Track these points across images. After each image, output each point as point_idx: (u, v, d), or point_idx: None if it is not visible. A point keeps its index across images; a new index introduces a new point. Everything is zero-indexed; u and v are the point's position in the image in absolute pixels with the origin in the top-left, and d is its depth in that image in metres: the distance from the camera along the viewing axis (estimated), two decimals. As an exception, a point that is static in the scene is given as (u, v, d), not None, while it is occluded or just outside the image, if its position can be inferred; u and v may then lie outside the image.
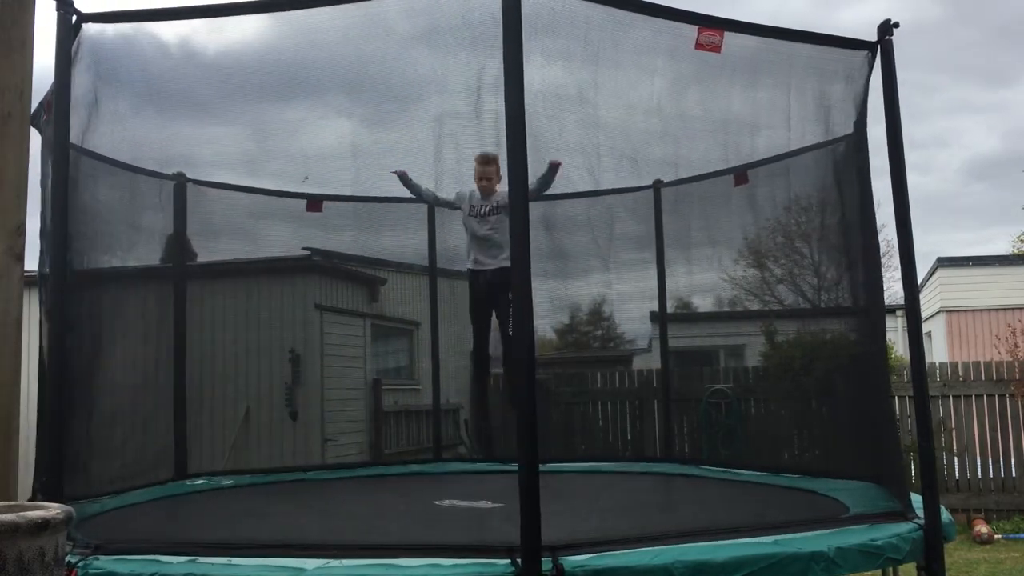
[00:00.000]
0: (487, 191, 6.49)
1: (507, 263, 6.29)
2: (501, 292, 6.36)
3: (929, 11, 51.14)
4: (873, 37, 4.66)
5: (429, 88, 5.51)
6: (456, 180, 6.46)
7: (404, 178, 6.49)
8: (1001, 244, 46.68)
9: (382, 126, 6.19)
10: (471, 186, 6.57)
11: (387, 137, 6.21)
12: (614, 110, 5.40)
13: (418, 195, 6.74)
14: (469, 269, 6.74)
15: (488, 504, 5.48)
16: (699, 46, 4.27)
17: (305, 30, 4.72)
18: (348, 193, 7.26)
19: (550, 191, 6.14)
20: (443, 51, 4.93)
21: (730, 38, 4.34)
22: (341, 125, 6.24)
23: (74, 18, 4.34)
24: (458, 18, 4.59)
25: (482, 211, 6.50)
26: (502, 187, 6.40)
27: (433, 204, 6.87)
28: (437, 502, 5.84)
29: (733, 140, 5.86)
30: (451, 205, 6.76)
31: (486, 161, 6.39)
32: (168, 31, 4.94)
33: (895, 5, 43.20)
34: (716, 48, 4.28)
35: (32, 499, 4.32)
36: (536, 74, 4.29)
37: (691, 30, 4.27)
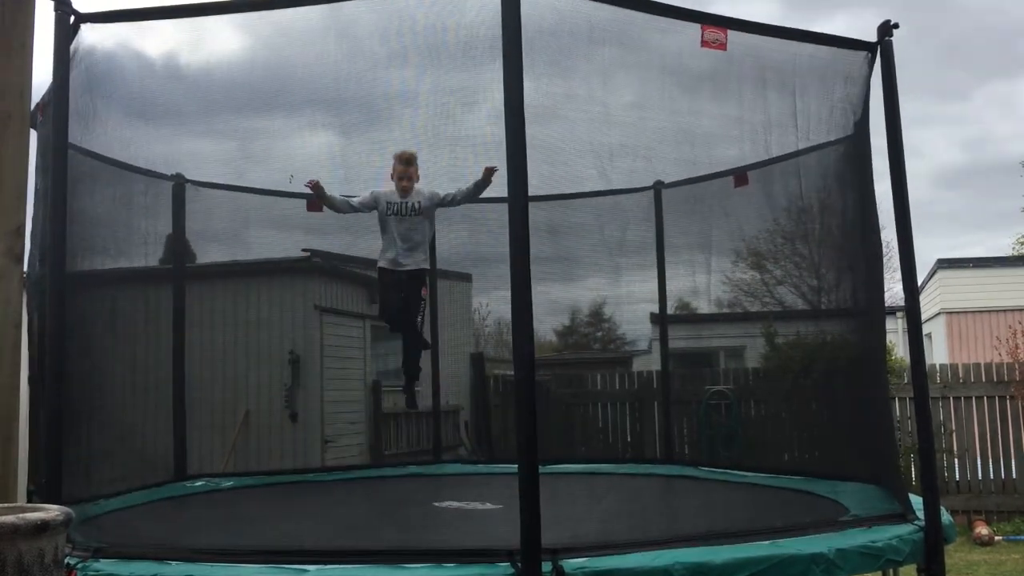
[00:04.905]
0: (406, 191, 6.18)
1: (425, 265, 6.33)
2: (413, 292, 6.20)
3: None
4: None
5: (423, 87, 5.52)
6: (452, 179, 6.41)
7: (318, 189, 6.04)
8: (979, 250, 47.68)
9: (376, 125, 6.20)
10: (432, 182, 6.29)
11: (380, 137, 6.21)
12: (620, 111, 5.42)
13: (332, 207, 6.30)
14: (381, 268, 6.30)
15: (488, 506, 5.48)
16: (705, 44, 4.29)
17: (295, 32, 4.73)
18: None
19: (545, 191, 6.04)
20: (441, 50, 4.93)
21: (732, 37, 4.34)
22: (334, 125, 6.27)
23: (72, 18, 4.34)
24: (456, 18, 4.60)
25: (402, 210, 6.17)
26: (421, 187, 6.21)
27: (348, 212, 6.34)
28: (437, 504, 5.85)
29: (736, 142, 5.87)
30: (367, 207, 6.26)
31: (408, 161, 6.14)
32: (158, 48, 4.99)
33: (856, 23, 44.05)
34: (722, 46, 4.30)
35: (28, 501, 4.32)
36: (541, 70, 4.31)
37: (695, 29, 4.29)
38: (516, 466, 3.49)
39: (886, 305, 5.39)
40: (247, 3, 4.52)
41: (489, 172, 5.83)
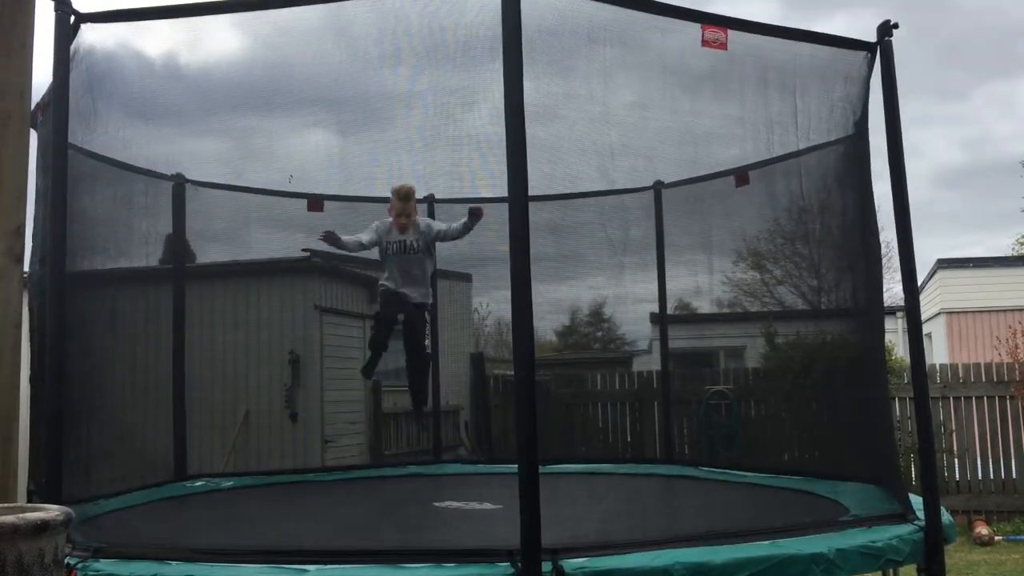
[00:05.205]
0: (404, 228, 6.23)
1: (427, 299, 6.43)
2: (417, 316, 6.26)
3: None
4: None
5: (423, 86, 5.52)
6: (450, 179, 6.41)
7: (332, 238, 6.16)
8: (979, 250, 47.80)
9: (375, 125, 6.20)
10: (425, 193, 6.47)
11: (379, 136, 6.22)
12: (622, 110, 5.42)
13: (345, 249, 6.40)
14: (383, 289, 6.39)
15: (488, 506, 5.48)
16: (705, 43, 4.29)
17: (294, 31, 4.74)
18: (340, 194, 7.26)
19: (545, 191, 6.05)
20: (441, 50, 4.93)
21: (733, 37, 4.35)
22: (333, 124, 6.29)
23: (72, 18, 4.34)
24: (455, 18, 4.60)
25: (401, 249, 6.25)
26: (419, 219, 6.29)
27: (358, 251, 6.42)
28: (437, 504, 5.85)
29: (737, 142, 5.87)
30: (373, 244, 6.34)
31: (406, 197, 6.18)
32: (158, 47, 5.00)
33: (856, 23, 44.21)
34: (722, 45, 4.30)
35: (28, 501, 4.32)
36: (541, 70, 4.31)
37: (696, 29, 4.30)
38: (516, 466, 3.49)
39: (886, 305, 5.39)
40: (246, 3, 4.52)
41: (474, 215, 5.99)
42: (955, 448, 10.07)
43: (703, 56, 4.50)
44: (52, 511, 2.76)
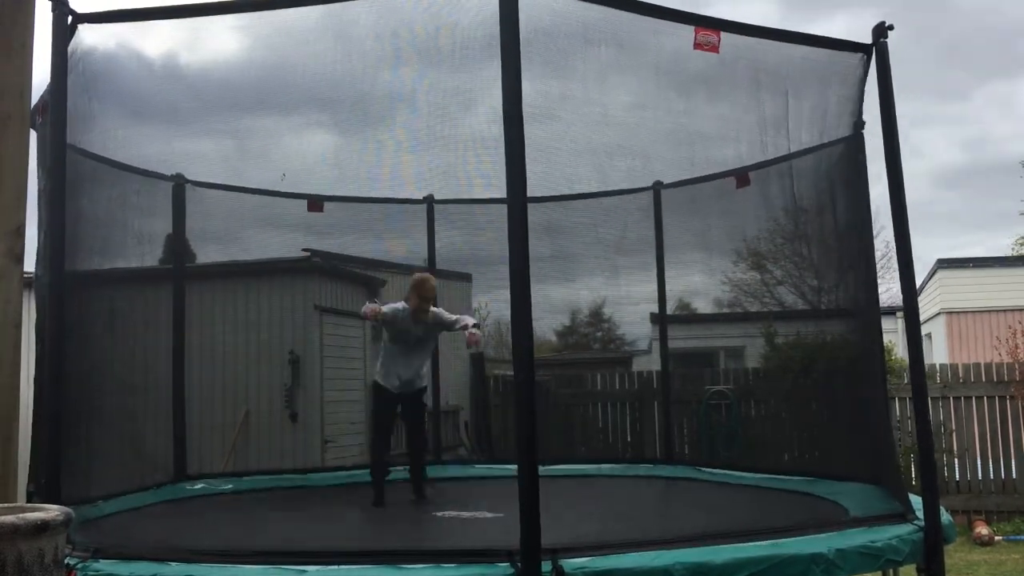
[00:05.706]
0: (421, 319, 6.15)
1: (424, 383, 6.36)
2: (416, 403, 6.20)
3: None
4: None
5: (420, 87, 5.52)
6: (447, 177, 6.40)
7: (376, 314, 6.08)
8: (979, 250, 47.69)
9: (373, 125, 6.20)
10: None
11: (377, 136, 6.22)
12: (618, 110, 5.42)
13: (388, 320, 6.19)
14: (380, 385, 6.26)
15: (488, 508, 5.47)
16: (697, 46, 4.28)
17: (293, 31, 4.75)
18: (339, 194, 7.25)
19: (541, 190, 6.02)
20: (438, 51, 4.94)
21: (729, 39, 4.34)
22: (331, 124, 6.29)
23: (70, 18, 4.34)
24: (453, 18, 4.60)
25: (411, 339, 6.17)
26: (432, 312, 6.21)
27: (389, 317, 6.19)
28: (438, 504, 5.85)
29: (733, 143, 5.88)
30: (392, 322, 6.20)
31: (429, 298, 6.12)
32: (157, 48, 5.01)
33: (856, 23, 44.22)
34: (714, 48, 4.29)
35: (28, 501, 4.31)
36: (537, 71, 4.31)
37: (691, 31, 4.29)
38: (516, 466, 3.49)
39: (887, 305, 5.42)
40: (245, 3, 4.52)
41: (473, 340, 6.06)
42: (955, 448, 10.06)
43: (699, 58, 4.49)
44: (52, 511, 2.76)
